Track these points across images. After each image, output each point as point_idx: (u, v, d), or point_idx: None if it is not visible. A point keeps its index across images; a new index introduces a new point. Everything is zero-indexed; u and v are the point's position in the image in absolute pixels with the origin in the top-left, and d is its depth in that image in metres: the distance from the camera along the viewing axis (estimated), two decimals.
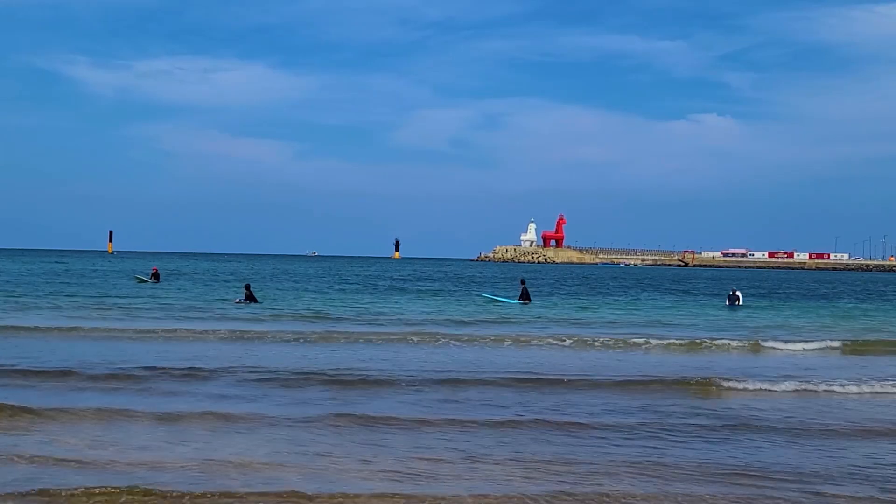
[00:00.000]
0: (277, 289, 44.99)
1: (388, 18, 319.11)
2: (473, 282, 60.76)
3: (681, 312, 32.68)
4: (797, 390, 13.76)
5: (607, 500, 7.42)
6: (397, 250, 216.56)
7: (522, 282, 37.40)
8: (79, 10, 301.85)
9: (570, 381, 13.99)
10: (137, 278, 32.64)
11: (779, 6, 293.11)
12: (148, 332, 20.48)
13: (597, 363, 16.66)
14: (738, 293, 38.91)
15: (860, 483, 8.03)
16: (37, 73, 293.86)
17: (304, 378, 13.65)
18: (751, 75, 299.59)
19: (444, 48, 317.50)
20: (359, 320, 25.47)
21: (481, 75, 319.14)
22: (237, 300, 32.61)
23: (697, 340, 20.83)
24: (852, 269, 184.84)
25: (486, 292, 43.14)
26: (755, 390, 13.62)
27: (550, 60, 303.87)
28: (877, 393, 13.79)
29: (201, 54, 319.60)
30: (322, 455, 8.73)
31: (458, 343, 19.61)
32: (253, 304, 31.14)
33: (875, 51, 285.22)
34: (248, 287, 33.30)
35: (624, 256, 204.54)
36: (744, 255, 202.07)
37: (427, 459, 8.59)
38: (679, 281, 79.57)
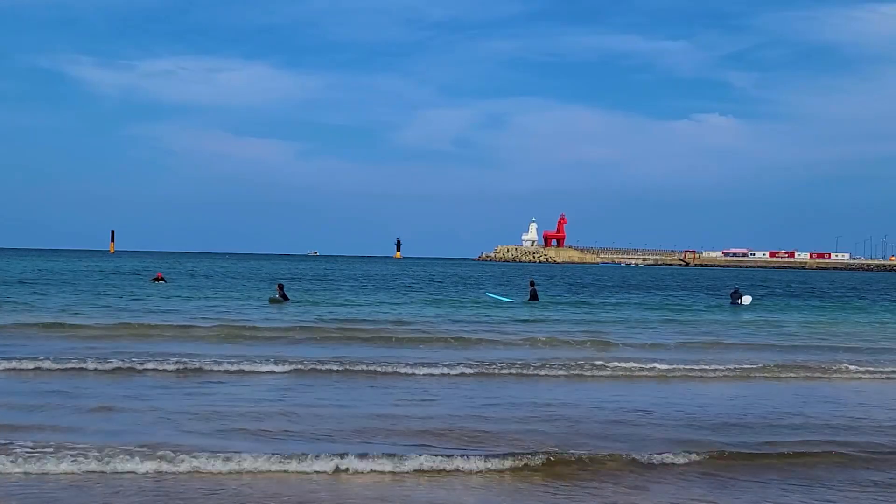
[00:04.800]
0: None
1: (391, 18, 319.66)
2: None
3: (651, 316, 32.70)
4: None
5: None
6: (399, 250, 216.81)
7: (532, 283, 37.63)
8: (83, 11, 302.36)
9: None
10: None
11: (782, 6, 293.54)
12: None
13: None
14: (741, 293, 38.30)
15: None
16: (41, 73, 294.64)
17: None
18: (754, 75, 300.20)
19: (447, 48, 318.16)
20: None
21: (484, 75, 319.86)
22: (270, 298, 33.21)
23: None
24: (853, 268, 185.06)
25: (491, 292, 43.34)
26: None
27: (553, 60, 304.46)
28: None
29: (205, 54, 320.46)
30: None
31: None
32: (289, 304, 31.71)
33: (878, 51, 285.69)
34: (281, 287, 33.91)
35: (625, 256, 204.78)
36: (745, 255, 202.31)
37: None
38: (679, 281, 79.70)
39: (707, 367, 16.34)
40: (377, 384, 13.89)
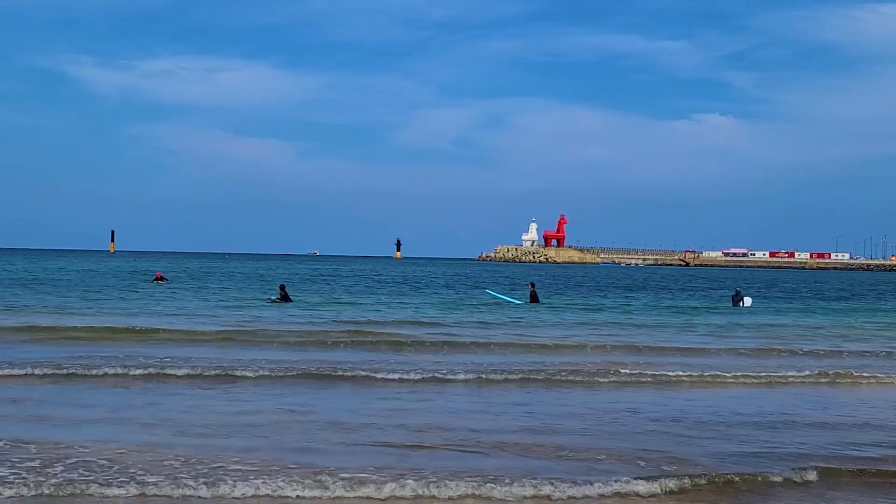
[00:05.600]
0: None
1: (392, 18, 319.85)
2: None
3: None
4: None
5: None
6: (399, 250, 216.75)
7: (532, 285, 37.37)
8: (83, 11, 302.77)
9: None
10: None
11: (782, 6, 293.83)
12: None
13: None
14: (743, 294, 38.22)
15: None
16: (41, 74, 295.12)
17: None
18: (754, 75, 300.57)
19: (447, 48, 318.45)
20: None
21: (485, 75, 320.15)
22: (271, 298, 33.26)
23: None
24: (853, 268, 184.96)
25: (492, 290, 43.22)
26: None
27: (554, 60, 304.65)
28: None
29: (205, 54, 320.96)
30: None
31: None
32: (289, 304, 31.83)
33: (878, 51, 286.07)
34: (283, 287, 33.93)
35: (625, 256, 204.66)
36: (745, 255, 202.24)
37: None
38: (682, 282, 79.64)
39: (759, 375, 15.76)
40: (429, 391, 13.39)
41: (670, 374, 15.51)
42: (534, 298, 35.28)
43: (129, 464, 8.32)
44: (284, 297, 32.66)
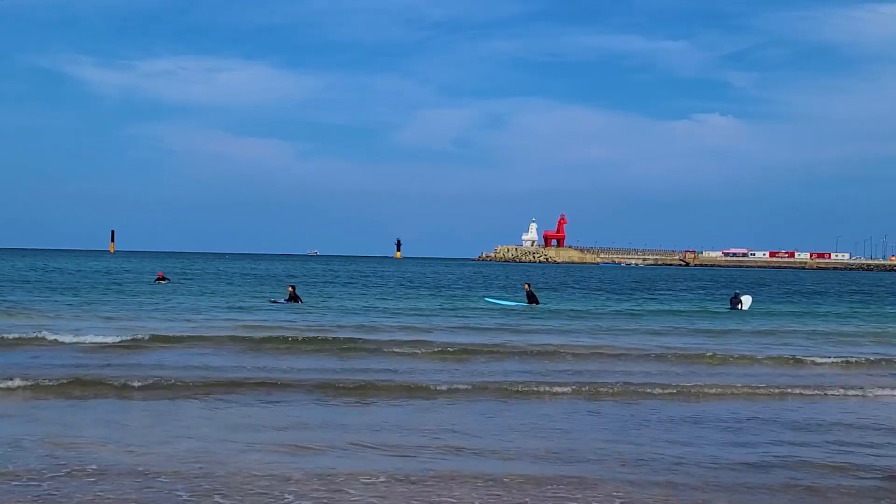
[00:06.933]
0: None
1: (391, 18, 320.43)
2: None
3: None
4: None
5: None
6: (399, 250, 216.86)
7: (527, 285, 37.05)
8: (83, 11, 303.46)
9: None
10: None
11: (782, 6, 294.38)
12: None
13: None
14: (741, 297, 38.25)
15: None
16: (41, 74, 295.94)
17: None
18: (754, 75, 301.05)
19: (448, 48, 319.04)
20: None
21: (485, 75, 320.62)
22: (275, 300, 33.49)
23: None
24: (853, 268, 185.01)
25: (490, 297, 43.16)
26: None
27: (554, 60, 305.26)
28: None
29: (205, 54, 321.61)
30: None
31: None
32: (298, 304, 32.14)
33: (878, 51, 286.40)
34: (293, 288, 34.14)
35: (625, 256, 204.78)
36: (745, 255, 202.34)
37: None
38: (685, 282, 79.76)
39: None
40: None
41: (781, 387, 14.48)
42: (531, 299, 34.87)
43: None
44: (293, 298, 32.78)
